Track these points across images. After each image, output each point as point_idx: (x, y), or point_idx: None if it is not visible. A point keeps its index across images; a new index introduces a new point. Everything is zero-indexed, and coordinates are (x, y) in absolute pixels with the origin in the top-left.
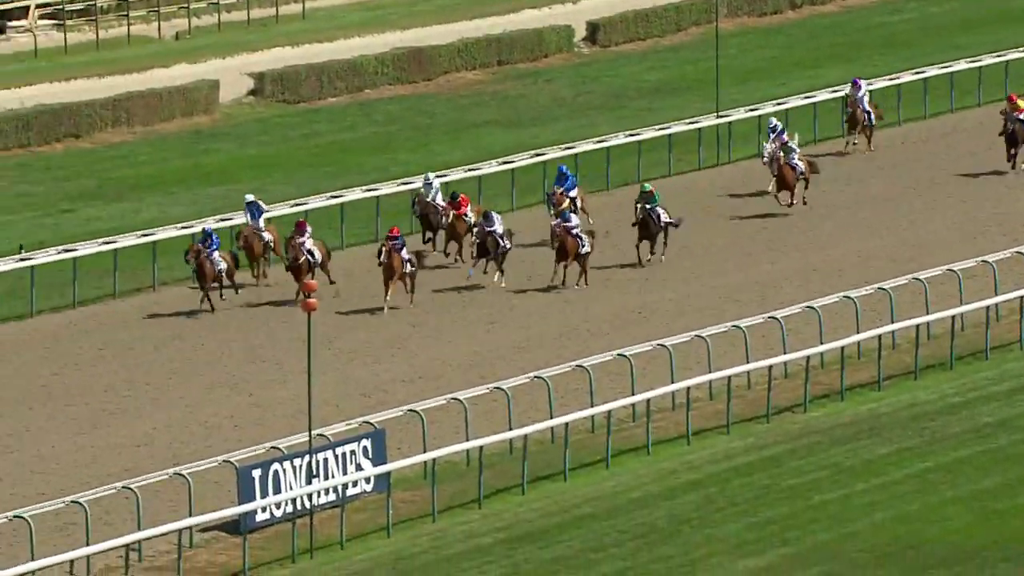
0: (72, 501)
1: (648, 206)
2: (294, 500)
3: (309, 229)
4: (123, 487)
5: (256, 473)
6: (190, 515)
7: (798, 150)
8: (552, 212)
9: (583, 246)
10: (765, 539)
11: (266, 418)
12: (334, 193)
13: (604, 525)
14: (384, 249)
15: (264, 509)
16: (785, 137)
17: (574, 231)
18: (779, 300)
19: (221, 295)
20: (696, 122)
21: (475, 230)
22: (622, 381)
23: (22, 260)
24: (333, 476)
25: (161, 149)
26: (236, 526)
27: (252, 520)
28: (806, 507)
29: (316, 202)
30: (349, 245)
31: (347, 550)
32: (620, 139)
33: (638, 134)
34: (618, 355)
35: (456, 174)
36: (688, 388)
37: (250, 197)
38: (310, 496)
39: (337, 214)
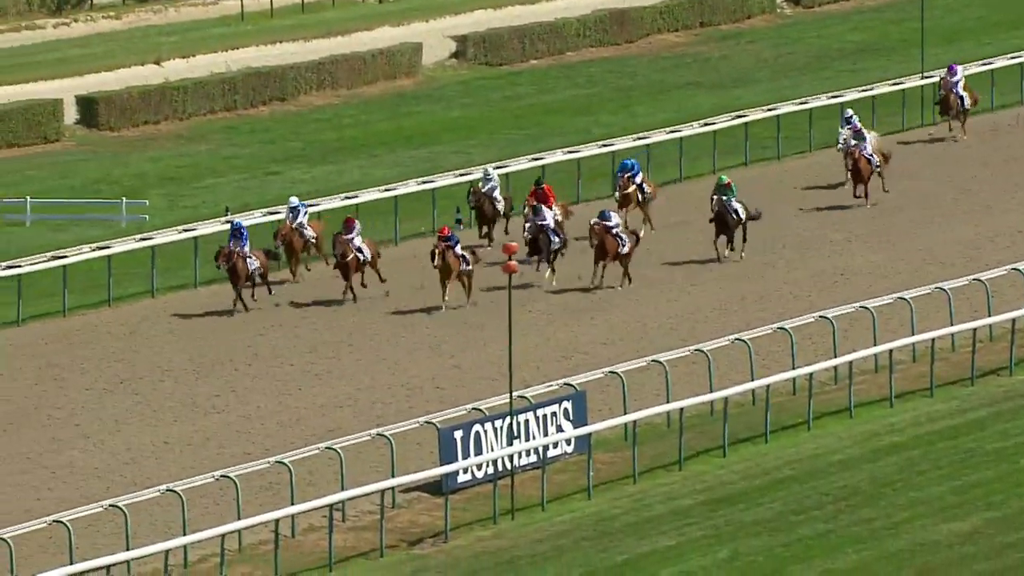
0: (277, 461)
1: (724, 199)
2: (495, 461)
3: (358, 226)
4: (326, 448)
5: (457, 434)
6: (392, 476)
7: (870, 140)
8: (617, 196)
9: (623, 246)
10: (969, 503)
11: (467, 380)
12: (535, 155)
13: (805, 487)
14: (437, 251)
15: (465, 470)
16: (858, 124)
17: (614, 230)
18: (984, 262)
19: (253, 295)
20: (900, 83)
21: (527, 225)
22: (824, 343)
23: (226, 223)
24: (534, 437)
25: (364, 112)
26: (438, 487)
27: (453, 481)
28: (1011, 471)
29: (517, 164)
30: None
31: (548, 511)
32: (823, 100)
33: (841, 95)
34: (820, 317)
35: (657, 136)
36: (891, 351)
37: (294, 201)
38: (511, 457)
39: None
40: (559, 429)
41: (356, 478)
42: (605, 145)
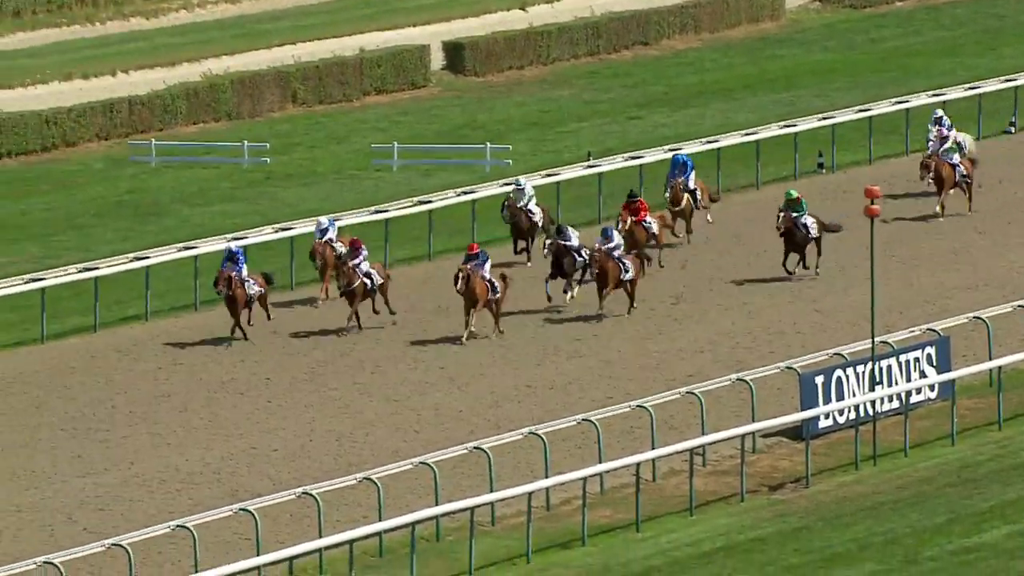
0: (638, 406)
1: (795, 215)
2: (857, 407)
3: (365, 251)
4: (687, 392)
5: (819, 379)
6: (753, 421)
7: (965, 145)
8: (668, 197)
9: (625, 271)
10: None
11: (828, 325)
12: (898, 99)
13: None
14: (460, 275)
15: (827, 415)
16: (946, 130)
17: (615, 253)
18: None
19: (250, 321)
20: None
21: (547, 242)
22: None
23: (590, 167)
24: (896, 383)
25: (726, 55)
26: (798, 432)
27: (814, 426)
28: None
29: (879, 108)
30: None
31: (910, 457)
32: None
33: None
34: None
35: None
36: None
37: (324, 221)
38: (873, 403)
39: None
40: (922, 375)
41: (716, 423)
42: (971, 88)
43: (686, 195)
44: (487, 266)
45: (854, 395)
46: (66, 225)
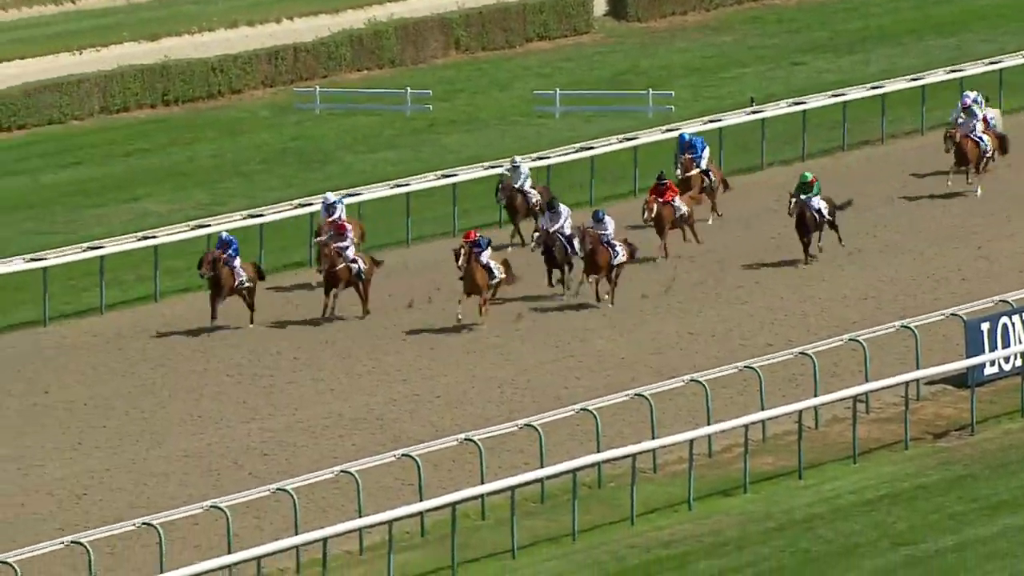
0: (800, 352)
1: (804, 197)
2: (1023, 354)
3: (350, 234)
4: (851, 339)
5: (984, 326)
6: (917, 368)
7: (985, 118)
8: (678, 175)
9: (615, 256)
10: None
11: (994, 271)
12: None
13: None
14: (463, 251)
15: (992, 363)
16: (968, 101)
17: (607, 239)
18: None
19: (252, 319)
20: None
21: (535, 235)
22: None
23: (753, 113)
24: None
25: (891, 0)
26: (963, 379)
27: (979, 374)
28: None
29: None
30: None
31: None
32: None
33: None
34: None
35: None
36: None
37: (330, 197)
38: None
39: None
40: None
41: (880, 370)
42: None
43: (697, 170)
44: (487, 253)
45: (1020, 342)
46: (232, 172)
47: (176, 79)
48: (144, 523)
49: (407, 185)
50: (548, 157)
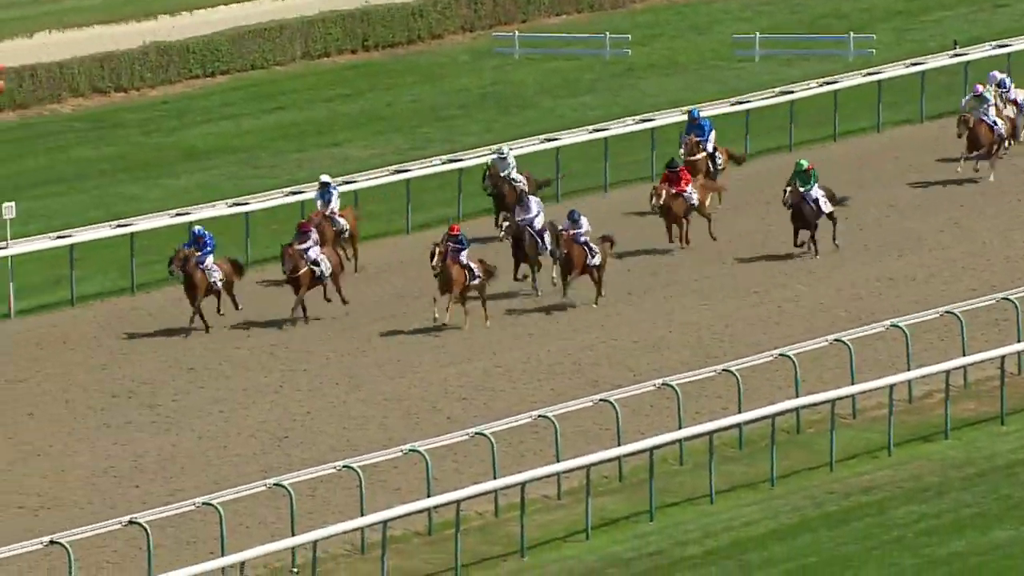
0: (1003, 298)
1: (802, 188)
2: None
3: (314, 235)
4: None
5: None
6: None
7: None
8: (682, 156)
9: (592, 256)
10: None
11: None
12: None
13: None
14: (439, 250)
15: None
16: (979, 88)
17: (582, 238)
18: None
19: (219, 309)
20: None
21: (504, 225)
22: None
23: (956, 56)
24: None
25: None
26: None
27: None
28: None
29: None
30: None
31: None
32: None
33: None
34: None
35: None
36: None
37: (325, 178)
38: None
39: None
40: None
41: None
42: None
43: (703, 154)
44: (465, 252)
45: None
46: (431, 117)
47: (376, 24)
48: (345, 466)
49: (606, 130)
50: (748, 101)
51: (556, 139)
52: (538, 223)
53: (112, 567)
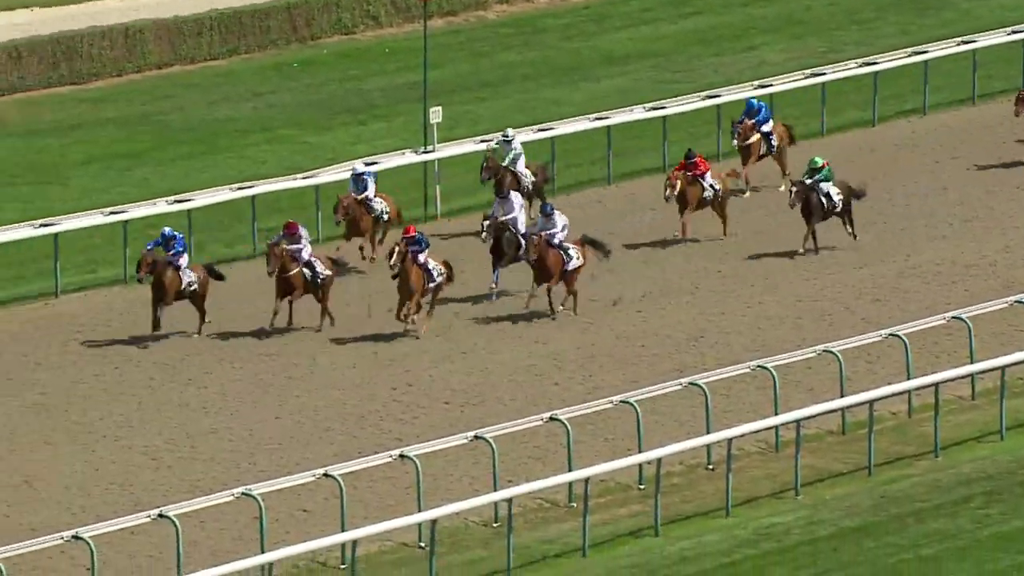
0: None
1: (810, 181)
2: None
3: (305, 235)
4: None
5: None
6: None
7: None
8: (736, 143)
9: (568, 261)
10: None
11: None
12: None
13: None
14: (398, 249)
15: None
16: None
17: (556, 240)
18: None
19: (201, 317)
20: None
21: (485, 224)
22: None
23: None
24: None
25: None
26: None
27: None
28: None
29: None
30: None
31: None
32: None
33: None
34: None
35: None
36: None
37: (360, 167)
38: None
39: None
40: None
41: None
42: None
43: (757, 135)
44: (424, 253)
45: None
46: (847, 20)
47: None
48: (758, 366)
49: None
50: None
51: (972, 41)
52: (521, 225)
53: (534, 462)
